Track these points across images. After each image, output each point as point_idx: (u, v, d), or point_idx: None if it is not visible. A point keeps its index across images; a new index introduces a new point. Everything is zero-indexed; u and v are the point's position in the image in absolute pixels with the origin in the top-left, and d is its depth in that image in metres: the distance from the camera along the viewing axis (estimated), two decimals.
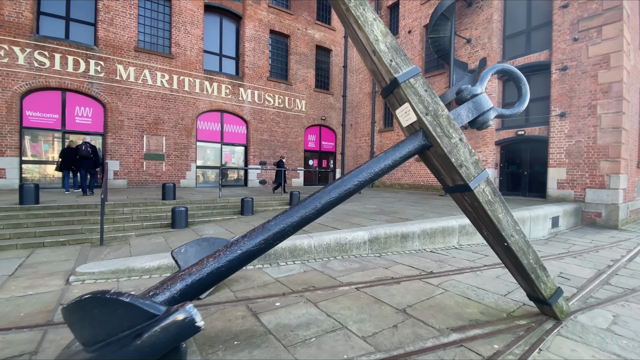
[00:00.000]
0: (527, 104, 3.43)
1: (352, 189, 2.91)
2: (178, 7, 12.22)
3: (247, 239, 2.64)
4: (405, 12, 14.70)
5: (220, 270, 2.55)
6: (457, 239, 6.23)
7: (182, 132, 12.44)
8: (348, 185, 2.90)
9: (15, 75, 9.54)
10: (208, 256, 2.60)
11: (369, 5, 3.09)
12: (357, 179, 2.93)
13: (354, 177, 2.93)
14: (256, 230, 2.69)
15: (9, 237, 5.46)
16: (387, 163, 3.03)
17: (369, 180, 2.99)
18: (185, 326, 1.52)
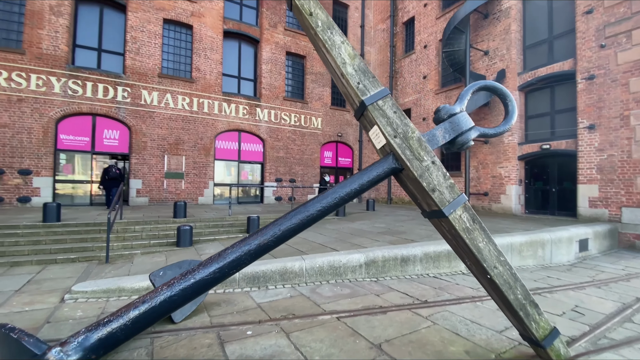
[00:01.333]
0: (514, 121, 3.18)
1: (314, 215, 2.81)
2: (199, 34, 13.00)
3: (202, 267, 2.61)
4: (421, 27, 14.58)
5: (172, 299, 2.53)
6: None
7: (201, 151, 12.96)
8: (310, 211, 2.80)
9: (52, 102, 10.52)
10: (163, 284, 2.60)
11: (337, 29, 3.05)
12: (321, 205, 2.82)
13: (317, 203, 2.83)
14: (212, 258, 2.66)
15: (27, 253, 5.87)
16: (354, 187, 2.91)
17: (334, 206, 2.87)
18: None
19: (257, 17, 14.69)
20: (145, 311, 2.47)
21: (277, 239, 2.73)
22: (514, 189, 10.65)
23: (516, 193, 10.68)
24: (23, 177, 10.07)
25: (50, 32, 10.49)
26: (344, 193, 2.89)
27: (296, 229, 2.78)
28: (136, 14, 11.87)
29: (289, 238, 2.82)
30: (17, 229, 6.47)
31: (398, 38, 15.98)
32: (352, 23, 17.06)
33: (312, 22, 3.00)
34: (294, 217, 2.77)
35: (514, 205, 10.62)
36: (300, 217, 2.78)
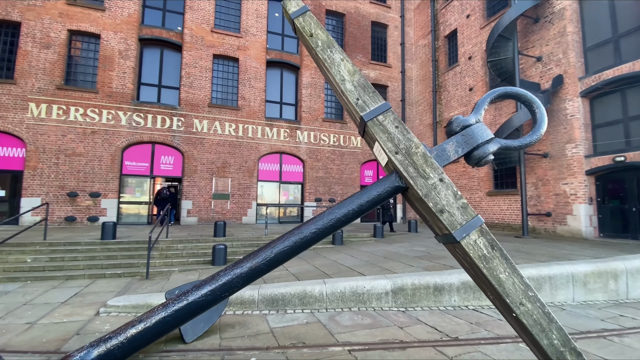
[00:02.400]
0: (543, 131, 2.75)
1: (309, 238, 2.66)
2: (244, 66, 14.03)
3: (195, 290, 2.61)
4: (464, 39, 13.93)
5: (166, 320, 2.55)
6: None
7: (245, 173, 13.62)
8: (304, 233, 2.67)
9: (119, 133, 12.04)
10: (159, 305, 2.64)
11: (337, 47, 2.99)
12: (315, 227, 2.68)
13: (312, 225, 2.69)
14: (205, 281, 2.64)
15: (82, 267, 6.56)
16: (352, 208, 2.72)
17: (330, 228, 2.70)
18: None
19: (298, 45, 15.43)
20: (141, 330, 2.52)
21: (270, 262, 2.63)
22: (582, 209, 9.19)
23: (586, 213, 9.18)
24: (93, 199, 11.52)
25: (119, 73, 12.19)
26: (341, 214, 2.71)
27: (289, 252, 2.66)
28: (190, 52, 13.27)
29: (282, 261, 2.71)
30: (78, 245, 7.31)
31: (440, 52, 15.44)
32: (392, 42, 16.99)
33: (312, 43, 2.99)
34: (287, 239, 2.66)
35: (584, 228, 9.12)
36: (294, 240, 2.66)
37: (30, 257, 6.54)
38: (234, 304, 4.59)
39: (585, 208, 9.22)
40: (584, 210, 9.20)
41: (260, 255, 2.63)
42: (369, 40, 16.44)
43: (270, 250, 2.64)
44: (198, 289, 2.59)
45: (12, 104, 10.85)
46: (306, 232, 2.66)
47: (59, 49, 11.53)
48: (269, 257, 2.62)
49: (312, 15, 3.08)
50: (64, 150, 11.35)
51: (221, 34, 13.74)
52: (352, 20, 16.22)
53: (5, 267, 6.05)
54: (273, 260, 2.63)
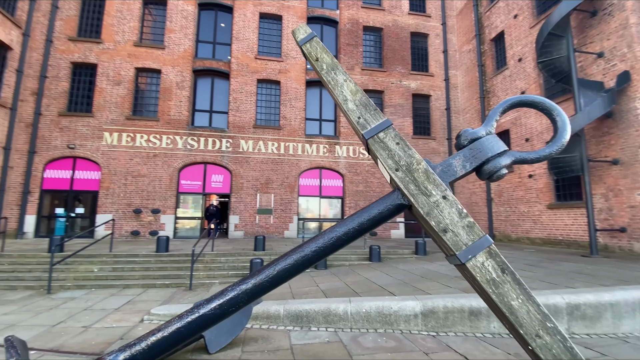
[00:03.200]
0: (566, 140, 2.48)
1: (309, 256, 2.69)
2: (285, 87, 14.75)
3: (205, 303, 2.78)
4: (512, 40, 12.98)
5: (180, 330, 2.74)
6: (566, 324, 4.41)
7: (287, 189, 14.09)
8: (305, 251, 2.71)
9: (176, 155, 13.37)
10: (176, 316, 2.86)
11: (341, 69, 3.06)
12: (316, 245, 2.70)
13: (313, 243, 2.72)
14: (215, 295, 2.80)
15: (137, 277, 7.31)
16: (353, 226, 2.71)
17: (332, 246, 2.70)
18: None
19: None
20: (159, 338, 2.75)
21: (273, 280, 2.70)
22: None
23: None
24: (154, 215, 12.84)
25: (176, 102, 13.65)
26: (342, 233, 2.71)
27: (291, 270, 2.71)
28: (237, 79, 14.38)
29: (286, 279, 2.76)
30: (136, 257, 8.18)
31: (487, 56, 14.55)
32: (433, 50, 16.50)
33: (317, 67, 3.11)
34: (289, 257, 2.72)
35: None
36: (295, 258, 2.71)
37: (97, 267, 7.50)
38: (261, 318, 4.73)
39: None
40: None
41: (264, 273, 2.72)
42: (408, 51, 16.20)
43: (273, 267, 2.72)
44: (208, 303, 2.76)
45: (91, 134, 12.76)
46: (307, 251, 2.70)
47: (127, 84, 13.36)
48: (272, 274, 2.70)
49: (319, 40, 3.19)
50: (131, 172, 12.94)
51: (264, 60, 14.69)
52: (390, 34, 16.18)
53: (75, 275, 7.01)
54: (276, 277, 2.70)
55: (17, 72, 12.12)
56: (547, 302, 4.47)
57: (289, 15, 15.22)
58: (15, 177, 11.97)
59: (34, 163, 12.29)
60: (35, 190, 12.22)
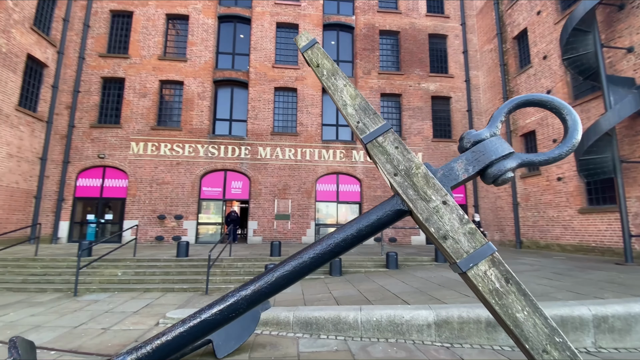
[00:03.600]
0: (576, 141, 2.33)
1: (307, 263, 2.66)
2: (302, 94, 14.91)
3: (207, 308, 2.81)
4: (536, 37, 12.43)
5: (182, 334, 2.79)
6: (592, 337, 4.08)
7: (304, 194, 14.14)
8: (303, 258, 2.68)
9: (198, 163, 13.81)
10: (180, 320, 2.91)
11: (341, 74, 3.04)
12: (314, 252, 2.67)
13: (311, 249, 2.69)
14: (216, 301, 2.83)
15: (157, 282, 7.56)
16: (351, 233, 2.66)
17: (330, 253, 2.66)
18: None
19: (353, 68, 15.80)
20: (163, 342, 2.82)
21: (271, 286, 2.69)
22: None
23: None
24: (177, 221, 13.28)
25: (198, 112, 14.14)
26: (340, 239, 2.67)
27: (290, 276, 2.69)
28: (255, 88, 14.72)
29: (284, 286, 2.74)
30: (158, 262, 8.47)
31: (509, 55, 14.01)
32: (453, 51, 16.11)
33: (318, 73, 3.11)
34: (287, 264, 2.71)
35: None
36: (294, 265, 2.69)
37: (120, 271, 7.83)
38: (271, 324, 4.74)
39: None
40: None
41: (262, 279, 2.72)
42: (426, 54, 15.92)
43: (272, 274, 2.71)
44: (209, 308, 2.79)
45: (119, 144, 13.46)
46: (305, 257, 2.68)
47: (152, 96, 14.02)
48: (270, 281, 2.70)
49: (320, 47, 3.18)
50: (155, 179, 13.49)
51: (281, 68, 14.94)
52: (408, 36, 15.99)
53: (100, 279, 7.36)
54: (274, 284, 2.69)
55: (53, 87, 13.07)
56: (572, 313, 4.16)
57: (304, 24, 15.44)
58: (50, 185, 12.82)
59: (68, 172, 13.11)
60: (69, 197, 13.02)
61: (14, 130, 11.31)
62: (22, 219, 11.76)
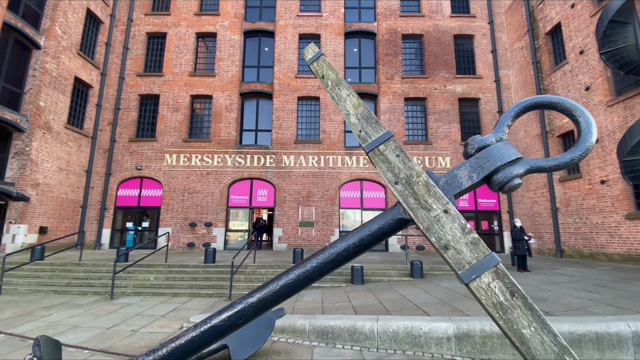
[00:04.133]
0: (590, 144, 2.19)
1: (310, 272, 2.69)
2: (324, 102, 15.08)
3: (217, 314, 2.92)
4: (571, 31, 11.65)
5: (194, 338, 2.91)
6: (632, 356, 3.69)
7: (328, 201, 14.18)
8: (307, 267, 2.71)
9: (226, 172, 14.36)
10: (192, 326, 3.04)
11: (345, 85, 3.01)
12: (317, 260, 2.70)
13: (314, 258, 2.71)
14: (225, 307, 2.92)
15: (185, 287, 7.91)
16: (353, 242, 2.66)
17: (332, 262, 2.66)
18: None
19: (375, 74, 15.74)
20: (177, 346, 2.97)
21: (276, 295, 2.74)
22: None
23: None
24: (207, 228, 13.84)
25: (226, 124, 14.76)
26: (342, 249, 2.67)
27: (294, 285, 2.73)
28: (279, 99, 15.11)
29: (289, 294, 2.78)
30: (187, 268, 8.87)
31: (542, 52, 13.24)
32: (480, 51, 15.53)
33: (324, 83, 3.16)
34: (291, 273, 2.75)
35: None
36: (297, 273, 2.73)
37: (153, 276, 8.30)
38: (288, 332, 4.79)
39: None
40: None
41: (268, 287, 2.78)
42: (452, 55, 15.48)
43: (276, 282, 2.77)
44: (219, 314, 2.90)
45: (154, 156, 14.36)
46: (308, 267, 2.71)
47: (184, 111, 14.85)
48: (275, 289, 2.75)
49: (325, 58, 3.23)
50: (187, 189, 14.20)
51: (304, 78, 15.23)
52: (432, 39, 15.67)
53: (135, 283, 7.84)
54: (279, 292, 2.75)
55: (97, 106, 14.29)
56: (609, 330, 3.80)
57: (326, 33, 15.67)
58: (94, 196, 13.93)
59: (110, 183, 14.18)
60: (110, 207, 14.05)
61: (63, 146, 12.48)
62: (70, 226, 12.86)
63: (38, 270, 8.37)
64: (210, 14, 15.76)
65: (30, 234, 10.88)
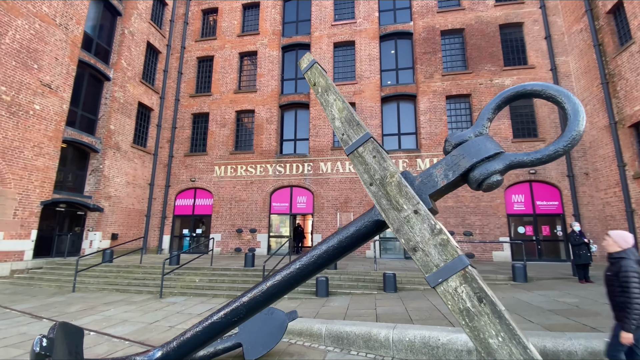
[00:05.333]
0: (578, 133, 1.97)
1: (294, 274, 2.77)
2: (360, 107, 15.03)
3: (216, 312, 3.13)
4: (634, 8, 9.92)
5: (197, 334, 3.18)
6: None
7: (366, 207, 13.98)
8: (291, 269, 2.80)
9: (267, 181, 15.06)
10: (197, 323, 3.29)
11: (333, 90, 2.98)
12: (300, 263, 2.78)
13: (297, 261, 2.79)
14: (226, 305, 3.12)
15: (225, 289, 8.45)
16: (332, 244, 2.69)
17: (314, 265, 2.72)
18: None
19: (413, 74, 15.26)
20: (183, 340, 3.26)
21: (265, 294, 2.87)
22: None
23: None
24: (252, 234, 14.60)
25: (267, 135, 15.53)
26: (322, 251, 2.71)
27: (280, 285, 2.83)
28: (315, 108, 15.48)
29: (276, 295, 2.89)
30: (228, 271, 9.47)
31: (604, 32, 11.56)
32: (532, 39, 14.12)
33: (315, 90, 3.27)
34: (277, 274, 2.86)
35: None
36: (282, 275, 2.83)
37: (198, 278, 9.03)
38: (305, 335, 4.87)
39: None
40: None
41: (257, 288, 2.93)
42: (498, 47, 14.34)
43: (265, 283, 2.90)
44: (218, 312, 3.12)
45: (206, 169, 15.66)
46: (292, 269, 2.79)
47: (230, 126, 16.00)
48: (263, 289, 2.89)
49: (317, 66, 3.25)
50: (234, 197, 15.18)
51: (339, 85, 15.40)
52: (474, 32, 14.73)
53: (182, 284, 8.61)
54: (267, 292, 2.87)
55: (157, 126, 16.13)
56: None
57: (360, 39, 15.69)
58: (156, 206, 15.63)
59: (169, 194, 15.80)
60: (169, 215, 15.63)
61: (130, 162, 14.31)
62: (137, 233, 14.60)
63: (106, 271, 9.68)
64: (250, 34, 16.87)
65: (104, 240, 12.62)
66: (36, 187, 9.96)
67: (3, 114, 9.00)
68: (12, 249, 9.24)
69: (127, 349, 4.43)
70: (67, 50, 11.04)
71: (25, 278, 9.20)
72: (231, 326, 3.12)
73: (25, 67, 9.62)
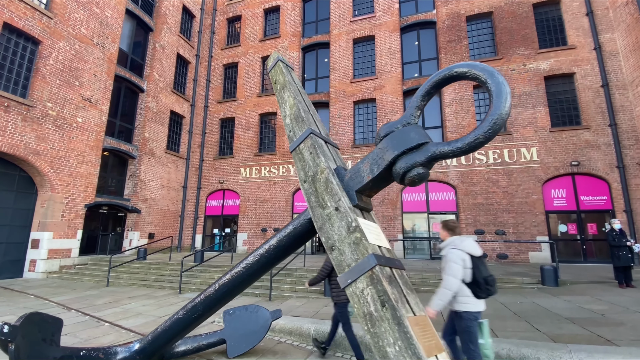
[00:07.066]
0: (502, 114, 1.75)
1: (241, 273, 2.81)
2: (381, 103, 14.63)
3: (181, 309, 3.26)
4: None
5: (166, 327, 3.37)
6: None
7: (388, 205, 13.59)
8: (238, 268, 2.84)
9: (290, 181, 15.28)
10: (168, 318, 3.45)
11: (289, 87, 2.97)
12: (246, 262, 2.82)
13: (244, 260, 2.81)
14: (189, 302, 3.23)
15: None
16: (272, 243, 2.69)
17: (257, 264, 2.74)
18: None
19: (437, 65, 14.50)
20: (157, 334, 3.44)
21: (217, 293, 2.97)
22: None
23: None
24: None
25: None
26: (264, 250, 2.71)
27: (229, 284, 2.89)
28: (335, 106, 15.39)
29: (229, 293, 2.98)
30: None
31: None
32: (571, 17, 12.67)
33: (275, 88, 3.29)
34: (228, 273, 2.90)
35: None
36: (231, 274, 2.88)
37: (217, 275, 9.43)
38: (295, 334, 4.89)
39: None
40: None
41: (212, 286, 3.02)
42: (532, 28, 13.10)
43: (217, 282, 2.98)
44: (182, 309, 3.25)
45: (232, 171, 16.33)
46: (239, 268, 2.83)
47: (254, 128, 16.51)
48: (216, 288, 2.96)
49: (280, 64, 3.24)
50: (258, 198, 15.65)
51: (359, 82, 15.15)
52: (504, 14, 13.60)
53: (201, 281, 9.07)
54: (219, 291, 2.95)
55: (189, 132, 17.15)
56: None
57: (380, 32, 15.27)
58: (189, 207, 16.63)
59: (200, 196, 16.73)
60: (201, 215, 16.54)
61: (164, 167, 15.39)
62: (172, 233, 15.66)
63: (138, 267, 10.51)
64: (272, 38, 17.24)
65: (142, 239, 13.73)
66: (80, 192, 11.12)
67: (50, 128, 10.20)
68: (60, 247, 10.42)
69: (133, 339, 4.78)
70: (104, 66, 12.17)
71: (71, 273, 10.32)
72: (194, 322, 3.24)
73: (68, 84, 10.79)
